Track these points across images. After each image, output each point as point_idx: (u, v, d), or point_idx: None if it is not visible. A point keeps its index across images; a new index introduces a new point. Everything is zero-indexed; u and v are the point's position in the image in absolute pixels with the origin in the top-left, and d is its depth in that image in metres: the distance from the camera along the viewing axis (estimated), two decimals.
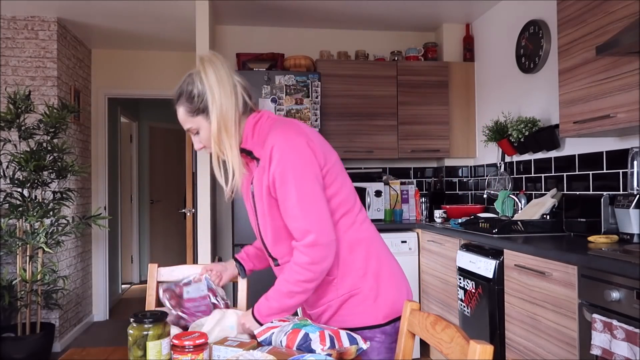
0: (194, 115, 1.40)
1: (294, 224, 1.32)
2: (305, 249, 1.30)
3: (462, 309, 2.91)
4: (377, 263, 1.40)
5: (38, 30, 4.04)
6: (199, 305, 1.54)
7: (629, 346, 1.64)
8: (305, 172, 1.30)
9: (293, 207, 1.30)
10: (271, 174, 1.32)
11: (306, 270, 1.30)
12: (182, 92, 1.41)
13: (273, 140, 1.32)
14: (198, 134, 1.43)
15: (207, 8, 3.62)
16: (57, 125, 3.59)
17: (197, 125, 1.41)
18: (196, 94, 1.38)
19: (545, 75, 3.29)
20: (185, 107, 1.41)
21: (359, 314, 1.37)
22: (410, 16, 4.20)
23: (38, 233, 3.44)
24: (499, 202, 3.48)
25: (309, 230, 1.29)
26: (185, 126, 1.43)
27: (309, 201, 1.30)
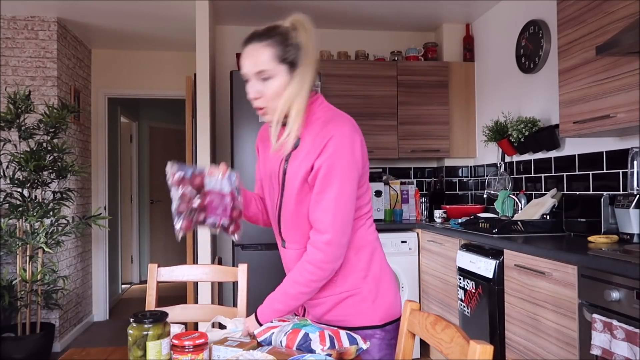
0: (279, 62, 1.30)
1: (322, 215, 1.29)
2: (324, 245, 1.29)
3: (462, 309, 2.91)
4: (378, 267, 1.41)
5: (38, 30, 4.04)
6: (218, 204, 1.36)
7: (629, 346, 1.64)
8: (352, 172, 1.29)
9: (329, 200, 1.28)
10: (319, 162, 1.28)
11: (319, 268, 1.30)
12: (278, 32, 1.32)
13: (333, 132, 1.28)
14: (267, 80, 1.31)
15: (207, 8, 3.62)
16: (57, 125, 3.59)
17: (274, 74, 1.30)
18: (293, 43, 1.31)
19: (545, 75, 3.29)
20: (275, 49, 1.30)
21: (356, 314, 1.37)
22: (410, 16, 4.19)
23: (38, 233, 3.44)
24: (499, 202, 3.48)
25: (333, 228, 1.28)
26: (259, 67, 1.30)
27: (344, 200, 1.29)
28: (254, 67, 1.31)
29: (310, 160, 1.30)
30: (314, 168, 1.29)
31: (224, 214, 1.36)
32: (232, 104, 3.64)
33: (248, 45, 1.33)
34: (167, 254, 6.85)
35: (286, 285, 1.35)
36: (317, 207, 1.30)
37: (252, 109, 4.11)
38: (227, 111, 4.24)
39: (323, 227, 1.29)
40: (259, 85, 1.32)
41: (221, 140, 4.31)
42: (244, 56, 1.33)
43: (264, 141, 1.49)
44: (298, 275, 1.33)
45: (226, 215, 1.36)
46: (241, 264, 1.86)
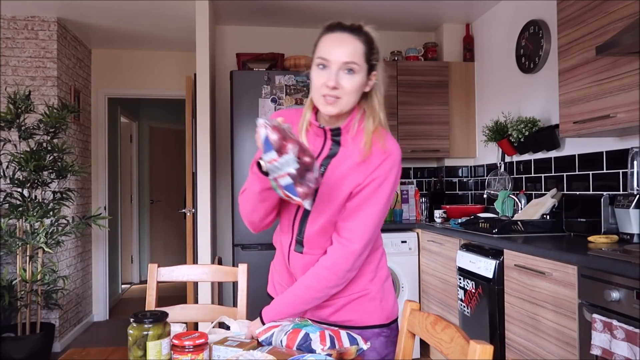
0: (365, 61, 1.30)
1: (356, 227, 1.29)
2: (350, 255, 1.29)
3: (462, 309, 2.91)
4: (383, 268, 1.44)
5: (38, 30, 4.03)
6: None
7: (629, 346, 1.64)
8: (393, 192, 1.33)
9: (368, 215, 1.29)
10: (371, 177, 1.28)
11: (337, 276, 1.30)
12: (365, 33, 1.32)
13: (392, 150, 1.30)
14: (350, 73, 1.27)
15: (207, 8, 3.62)
16: (57, 125, 3.59)
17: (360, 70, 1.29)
18: (376, 48, 1.33)
19: (545, 75, 3.28)
20: (365, 47, 1.30)
21: (365, 314, 1.39)
22: (410, 16, 4.19)
23: (38, 233, 3.44)
24: (499, 202, 3.48)
25: (362, 240, 1.29)
26: (352, 58, 1.27)
27: (380, 217, 1.31)
28: (347, 56, 1.26)
29: (363, 174, 1.29)
30: (364, 180, 1.29)
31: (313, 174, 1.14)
32: (232, 104, 3.64)
33: (340, 33, 1.30)
34: (167, 254, 6.85)
35: (298, 290, 1.34)
36: (353, 217, 1.29)
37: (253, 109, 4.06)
38: (227, 111, 4.24)
39: (354, 238, 1.29)
40: (341, 76, 1.27)
41: (221, 140, 4.31)
42: (335, 41, 1.28)
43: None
44: (314, 280, 1.32)
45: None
46: (241, 264, 1.87)
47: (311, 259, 1.36)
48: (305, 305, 1.34)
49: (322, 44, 1.31)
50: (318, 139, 1.36)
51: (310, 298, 1.33)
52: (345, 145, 1.33)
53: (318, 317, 1.41)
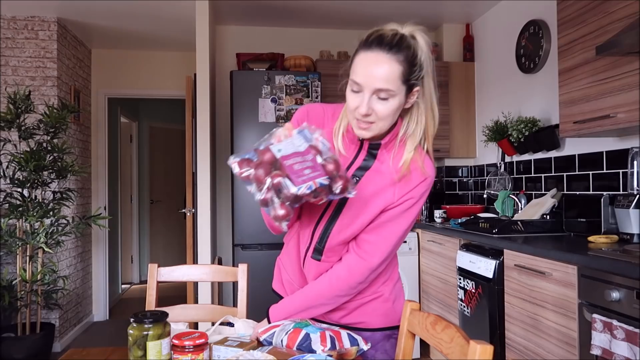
0: (403, 82, 1.14)
1: (378, 241, 1.27)
2: (367, 270, 1.28)
3: (462, 309, 2.91)
4: (395, 269, 1.44)
5: (38, 30, 4.03)
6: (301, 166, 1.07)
7: (629, 346, 1.64)
8: (419, 211, 1.31)
9: (395, 233, 1.27)
10: (407, 196, 1.25)
11: (350, 287, 1.29)
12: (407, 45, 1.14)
13: (429, 172, 1.26)
14: (384, 100, 1.15)
15: (207, 8, 3.61)
16: (57, 125, 3.59)
17: (395, 94, 1.15)
18: (418, 62, 1.15)
19: (545, 75, 3.28)
20: (403, 66, 1.13)
21: (378, 316, 1.38)
22: (410, 16, 4.13)
23: (38, 233, 3.44)
24: (499, 202, 3.48)
25: (382, 255, 1.28)
26: (384, 85, 1.12)
27: (404, 235, 1.30)
28: (381, 82, 1.12)
29: (398, 193, 1.25)
30: (398, 198, 1.25)
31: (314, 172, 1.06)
32: (232, 104, 3.64)
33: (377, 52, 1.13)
34: (167, 254, 6.85)
35: (309, 295, 1.33)
36: (378, 232, 1.27)
37: (253, 109, 4.06)
38: (227, 111, 4.24)
39: (374, 252, 1.27)
40: (374, 101, 1.15)
41: (221, 140, 4.31)
42: (369, 64, 1.13)
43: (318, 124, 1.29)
44: (326, 288, 1.30)
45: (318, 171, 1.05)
46: (241, 264, 1.86)
47: (327, 266, 1.34)
48: (313, 309, 1.33)
49: (357, 63, 1.16)
50: (352, 145, 1.28)
51: (320, 304, 1.32)
52: (381, 160, 1.27)
53: (329, 319, 1.39)
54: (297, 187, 1.06)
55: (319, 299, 1.31)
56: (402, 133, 1.26)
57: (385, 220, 1.26)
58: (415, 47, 1.15)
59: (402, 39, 1.14)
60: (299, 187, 1.06)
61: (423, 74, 1.18)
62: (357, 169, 1.27)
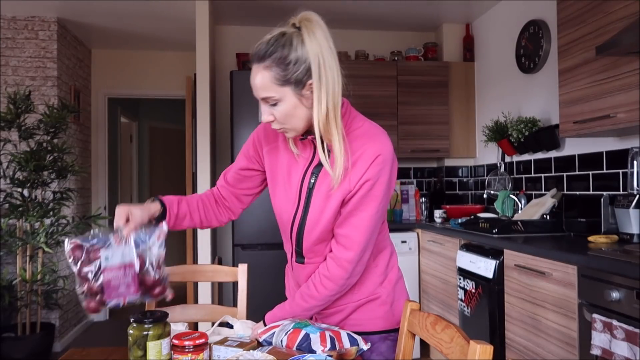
0: (282, 84, 1.18)
1: (351, 232, 1.24)
2: (347, 263, 1.26)
3: (462, 309, 2.91)
4: (394, 269, 1.41)
5: (38, 30, 4.03)
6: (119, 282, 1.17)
7: (629, 346, 1.64)
8: (388, 193, 1.25)
9: (362, 220, 1.24)
10: (362, 180, 1.21)
11: (337, 284, 1.28)
12: (272, 52, 1.17)
13: (380, 149, 1.22)
14: (276, 105, 1.21)
15: (207, 8, 3.62)
16: (57, 125, 3.59)
17: (281, 96, 1.19)
18: (293, 59, 1.16)
19: (545, 75, 3.28)
20: (274, 72, 1.17)
21: (376, 319, 1.36)
22: (410, 16, 4.19)
23: (38, 233, 3.44)
24: (499, 202, 3.48)
25: (359, 246, 1.25)
26: (263, 93, 1.20)
27: (376, 220, 1.25)
28: (260, 92, 1.20)
29: (354, 180, 1.22)
30: (355, 184, 1.22)
31: (127, 291, 1.16)
32: (232, 104, 3.64)
33: (252, 66, 1.22)
34: (167, 254, 6.84)
35: (299, 299, 1.32)
36: (348, 223, 1.25)
37: (253, 109, 4.07)
38: (227, 111, 4.24)
39: (349, 244, 1.25)
40: (269, 109, 1.22)
41: (221, 140, 4.31)
42: (251, 78, 1.22)
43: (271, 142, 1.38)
44: (314, 290, 1.30)
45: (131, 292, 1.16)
46: (241, 264, 1.86)
47: (313, 268, 1.34)
48: (307, 312, 1.32)
49: None
50: (307, 148, 1.31)
51: (311, 306, 1.31)
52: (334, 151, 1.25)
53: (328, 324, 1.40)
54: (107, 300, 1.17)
55: (309, 301, 1.31)
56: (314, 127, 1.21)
57: (350, 210, 1.24)
58: (289, 44, 1.17)
59: (271, 43, 1.18)
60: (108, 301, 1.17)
61: (307, 67, 1.17)
62: (315, 166, 1.29)
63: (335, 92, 1.19)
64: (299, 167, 1.31)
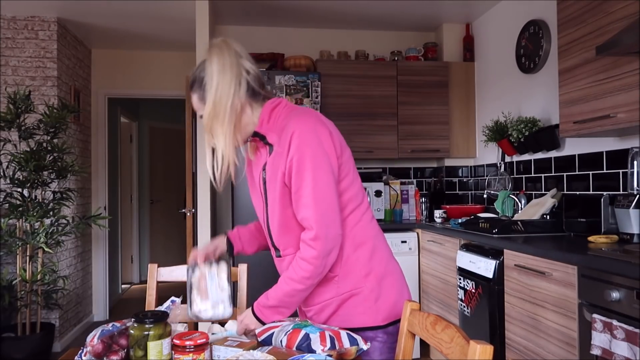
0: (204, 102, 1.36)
1: (304, 212, 1.29)
2: (313, 242, 1.28)
3: (462, 309, 2.91)
4: (380, 264, 1.39)
5: (38, 30, 4.03)
6: None
7: (629, 346, 1.64)
8: (323, 162, 1.29)
9: (306, 195, 1.28)
10: (289, 160, 1.29)
11: (311, 264, 1.29)
12: (195, 78, 1.38)
13: (294, 127, 1.29)
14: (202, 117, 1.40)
15: (207, 8, 3.62)
16: (57, 125, 3.59)
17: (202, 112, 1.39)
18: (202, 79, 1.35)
19: (545, 75, 3.29)
20: (197, 93, 1.37)
21: (358, 314, 1.36)
22: (410, 16, 4.19)
23: (38, 233, 3.44)
24: (499, 202, 3.48)
25: (318, 221, 1.27)
26: (199, 112, 1.39)
27: (322, 191, 1.28)
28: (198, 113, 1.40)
29: (283, 162, 1.31)
30: (286, 167, 1.30)
31: None
32: None
33: None
34: (167, 254, 6.85)
35: (281, 282, 1.35)
36: (298, 204, 1.30)
37: None
38: None
39: (308, 224, 1.29)
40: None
41: None
42: None
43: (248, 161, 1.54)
44: (292, 272, 1.32)
45: None
46: (241, 264, 1.87)
47: (290, 260, 1.39)
48: (290, 297, 1.33)
49: None
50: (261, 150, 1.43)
51: (293, 290, 1.32)
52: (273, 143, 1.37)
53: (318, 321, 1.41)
54: None
55: (290, 284, 1.32)
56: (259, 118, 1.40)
57: (294, 192, 1.30)
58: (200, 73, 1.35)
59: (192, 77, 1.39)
60: None
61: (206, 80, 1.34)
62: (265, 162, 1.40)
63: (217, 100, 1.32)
64: (258, 169, 1.43)
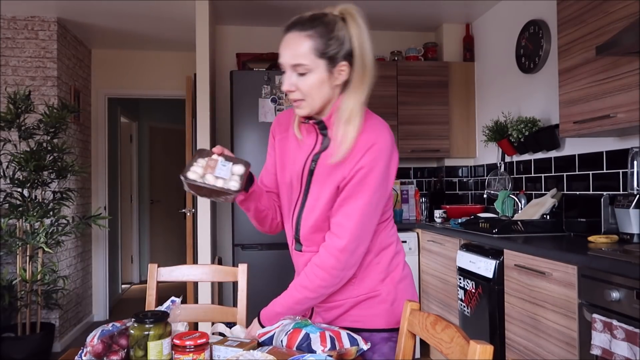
0: (319, 56, 1.21)
1: (344, 220, 1.24)
2: (337, 252, 1.24)
3: (462, 309, 2.91)
4: (398, 267, 1.39)
5: (38, 30, 4.03)
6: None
7: (629, 346, 1.64)
8: (384, 185, 1.25)
9: (355, 207, 1.23)
10: (356, 168, 1.22)
11: (329, 274, 1.26)
12: (323, 22, 1.21)
13: (376, 140, 1.23)
14: (303, 75, 1.23)
15: (207, 8, 3.62)
16: (57, 125, 3.59)
17: (312, 68, 1.22)
18: (338, 36, 1.21)
19: (545, 75, 3.29)
20: (316, 41, 1.20)
21: (373, 316, 1.35)
22: (410, 16, 4.19)
23: (38, 233, 3.44)
24: (499, 202, 3.48)
25: (350, 235, 1.23)
26: (297, 60, 1.21)
27: (370, 211, 1.24)
28: (292, 59, 1.22)
29: (348, 167, 1.23)
30: (349, 172, 1.23)
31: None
32: (232, 104, 3.64)
33: (289, 33, 1.24)
34: (167, 254, 6.85)
35: (293, 289, 1.31)
36: (341, 211, 1.25)
37: (253, 109, 4.06)
38: (227, 111, 4.24)
39: (341, 232, 1.24)
40: (295, 78, 1.23)
41: (221, 140, 4.31)
42: (283, 44, 1.25)
43: (283, 131, 1.41)
44: (306, 279, 1.29)
45: None
46: (241, 264, 1.86)
47: (310, 256, 1.33)
48: (300, 305, 1.30)
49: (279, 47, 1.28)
50: (311, 135, 1.33)
51: (305, 298, 1.29)
52: (334, 138, 1.28)
53: (324, 318, 1.39)
54: None
55: (302, 292, 1.29)
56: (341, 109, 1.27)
57: (344, 197, 1.25)
58: (333, 23, 1.22)
59: (317, 16, 1.23)
60: None
61: (345, 50, 1.23)
62: (317, 152, 1.31)
63: (371, 84, 1.26)
64: (302, 154, 1.33)
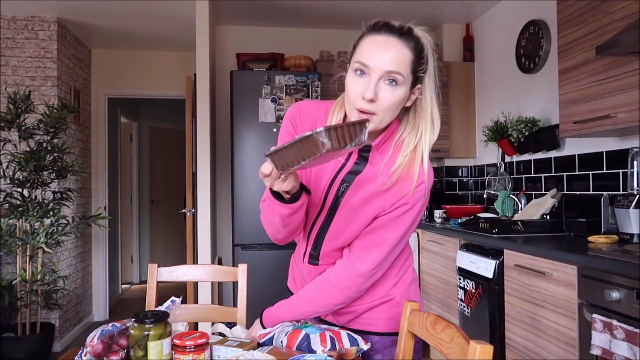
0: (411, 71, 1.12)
1: (369, 248, 1.20)
2: (358, 277, 1.22)
3: (462, 309, 2.91)
4: (408, 271, 1.37)
5: (38, 30, 4.03)
6: None
7: (629, 346, 1.64)
8: (417, 222, 1.23)
9: (386, 240, 1.20)
10: (399, 203, 1.17)
11: (342, 295, 1.25)
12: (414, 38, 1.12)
13: (425, 178, 1.17)
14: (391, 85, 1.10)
15: (207, 8, 3.61)
16: (57, 125, 3.59)
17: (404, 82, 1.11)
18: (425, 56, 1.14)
19: (545, 75, 3.29)
20: (414, 55, 1.11)
21: (386, 320, 1.33)
22: (410, 16, 4.14)
23: (38, 233, 3.44)
24: (499, 202, 3.48)
25: (373, 263, 1.21)
26: (397, 67, 1.08)
27: (399, 246, 1.23)
28: (392, 64, 1.08)
29: (390, 200, 1.17)
30: (391, 204, 1.17)
31: None
32: (232, 104, 3.64)
33: (387, 36, 1.11)
34: (167, 254, 6.85)
35: (302, 301, 1.29)
36: (368, 238, 1.21)
37: (253, 109, 4.05)
38: (227, 111, 4.24)
39: (365, 259, 1.21)
40: (380, 87, 1.09)
41: (221, 140, 4.31)
42: (379, 45, 1.10)
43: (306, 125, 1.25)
44: (318, 294, 1.27)
45: None
46: (241, 264, 1.86)
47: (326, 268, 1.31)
48: (307, 315, 1.30)
49: (364, 45, 1.13)
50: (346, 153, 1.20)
51: (313, 311, 1.29)
52: (374, 164, 1.19)
53: (338, 322, 1.38)
54: None
55: (311, 305, 1.28)
56: (399, 136, 1.19)
57: (376, 227, 1.20)
58: (422, 40, 1.14)
59: (410, 29, 1.13)
60: None
61: (426, 70, 1.16)
62: (348, 173, 1.20)
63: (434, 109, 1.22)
64: (330, 168, 1.22)
